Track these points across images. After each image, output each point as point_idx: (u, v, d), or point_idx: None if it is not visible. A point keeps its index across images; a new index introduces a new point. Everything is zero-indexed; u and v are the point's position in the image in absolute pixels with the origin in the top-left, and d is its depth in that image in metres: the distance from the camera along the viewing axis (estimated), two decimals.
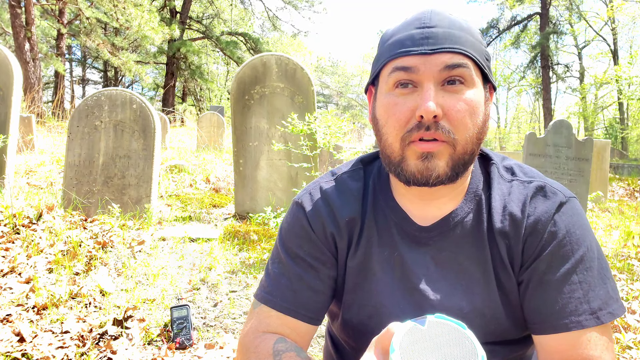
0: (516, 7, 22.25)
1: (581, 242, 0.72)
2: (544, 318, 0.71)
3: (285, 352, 0.74)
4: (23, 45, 12.26)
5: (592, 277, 0.71)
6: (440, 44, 0.67)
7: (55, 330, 1.95)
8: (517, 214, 0.74)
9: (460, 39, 0.68)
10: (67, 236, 2.86)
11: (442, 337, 0.53)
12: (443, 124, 0.67)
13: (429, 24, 0.69)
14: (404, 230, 0.79)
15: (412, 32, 0.70)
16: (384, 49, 0.73)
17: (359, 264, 0.80)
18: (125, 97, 3.72)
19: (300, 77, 3.99)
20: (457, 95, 0.68)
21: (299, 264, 0.81)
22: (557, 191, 0.76)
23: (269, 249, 3.10)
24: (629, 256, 3.37)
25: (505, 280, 0.75)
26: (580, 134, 25.76)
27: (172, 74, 21.59)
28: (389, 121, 0.71)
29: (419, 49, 0.68)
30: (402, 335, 0.53)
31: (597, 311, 0.69)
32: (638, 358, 1.94)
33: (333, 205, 0.82)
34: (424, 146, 0.68)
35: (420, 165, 0.69)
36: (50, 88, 26.68)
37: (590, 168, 4.70)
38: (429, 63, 0.67)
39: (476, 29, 0.73)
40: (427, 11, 0.72)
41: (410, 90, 0.69)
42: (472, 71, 0.68)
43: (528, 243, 0.73)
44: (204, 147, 9.30)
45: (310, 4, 23.90)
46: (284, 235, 0.85)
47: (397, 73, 0.69)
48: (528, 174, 0.79)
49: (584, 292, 0.70)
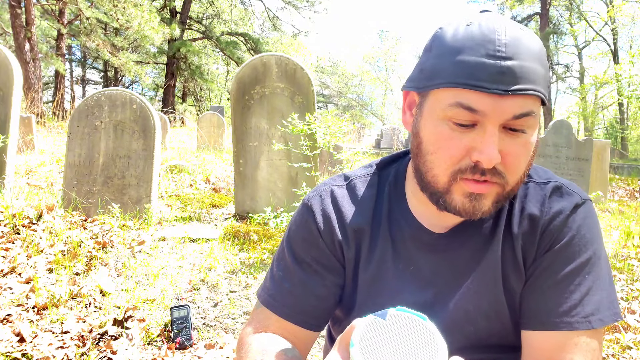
0: (516, 7, 22.27)
1: (589, 246, 0.71)
2: (536, 313, 0.71)
3: (275, 352, 0.74)
4: (23, 45, 12.26)
5: (592, 281, 0.70)
6: (516, 84, 0.59)
7: (55, 330, 1.95)
8: (536, 213, 0.73)
9: (535, 75, 0.60)
10: (67, 236, 2.86)
11: (402, 329, 0.52)
12: (498, 168, 0.63)
13: (505, 52, 0.59)
14: (419, 240, 0.77)
15: (486, 62, 0.59)
16: (447, 64, 0.62)
17: (372, 277, 0.78)
18: (125, 97, 3.72)
19: (300, 77, 3.99)
20: (519, 140, 0.63)
21: (305, 269, 0.79)
22: (573, 192, 0.75)
23: (269, 249, 3.10)
24: (629, 256, 3.37)
25: (515, 282, 0.74)
26: (580, 134, 25.74)
27: (172, 74, 21.60)
28: (438, 152, 0.65)
29: (491, 88, 0.59)
30: (362, 330, 0.52)
31: (590, 316, 0.69)
32: (638, 358, 1.94)
33: (343, 212, 0.79)
34: (475, 187, 0.64)
35: (467, 204, 0.65)
36: (50, 88, 26.69)
37: (590, 168, 4.70)
38: (499, 108, 0.60)
39: (543, 49, 0.64)
40: (501, 27, 0.61)
41: (469, 129, 0.62)
42: (538, 116, 0.63)
43: (541, 240, 0.73)
44: (204, 147, 9.30)
45: (311, 4, 23.91)
46: (291, 237, 0.82)
47: (459, 110, 0.61)
48: (542, 176, 0.78)
49: (581, 295, 0.69)
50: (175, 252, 3.02)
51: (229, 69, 28.36)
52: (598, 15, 23.73)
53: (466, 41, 0.62)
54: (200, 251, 3.06)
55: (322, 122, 3.46)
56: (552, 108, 24.32)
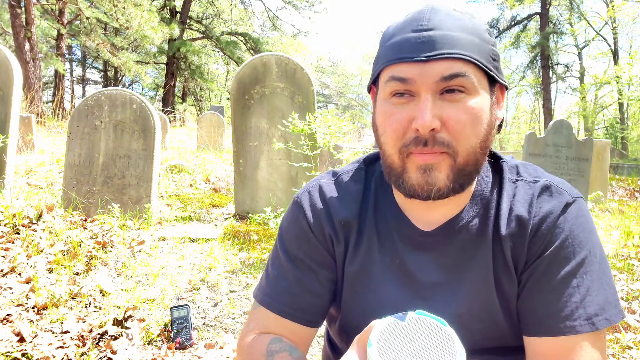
0: (516, 7, 22.25)
1: (584, 245, 0.70)
2: (537, 319, 0.70)
3: (279, 353, 0.73)
4: (23, 45, 12.26)
5: (591, 281, 0.69)
6: (437, 49, 0.63)
7: (55, 330, 1.95)
8: (524, 215, 0.72)
9: (460, 42, 0.64)
10: (67, 236, 2.86)
11: (421, 332, 0.52)
12: (442, 136, 0.65)
13: (427, 25, 0.65)
14: (406, 235, 0.76)
15: (409, 36, 0.66)
16: (383, 50, 0.70)
17: (358, 270, 0.78)
18: (125, 97, 3.72)
19: (300, 77, 3.99)
20: (458, 105, 0.64)
21: (298, 266, 0.80)
22: (563, 191, 0.73)
23: (269, 249, 3.10)
24: (629, 256, 3.37)
25: (508, 284, 0.73)
26: (580, 134, 25.76)
27: (172, 74, 21.60)
28: (386, 131, 0.69)
29: (413, 56, 0.64)
30: (380, 331, 0.52)
31: (593, 317, 0.67)
32: (638, 358, 1.94)
33: (330, 206, 0.80)
34: (423, 158, 0.66)
35: (420, 178, 0.67)
36: (50, 88, 26.69)
37: (590, 168, 4.70)
38: (426, 73, 0.64)
39: (483, 26, 0.68)
40: (427, 9, 0.67)
41: (406, 100, 0.66)
42: (473, 78, 0.64)
43: (532, 243, 0.71)
44: (204, 147, 9.31)
45: (310, 4, 23.90)
46: (284, 235, 0.83)
47: (392, 83, 0.66)
48: (532, 174, 0.76)
49: (581, 296, 0.68)
50: (175, 252, 3.02)
51: (229, 69, 28.36)
52: (598, 15, 23.74)
53: (398, 26, 0.69)
54: (200, 251, 3.06)
55: (322, 122, 3.46)
56: (552, 108, 24.31)
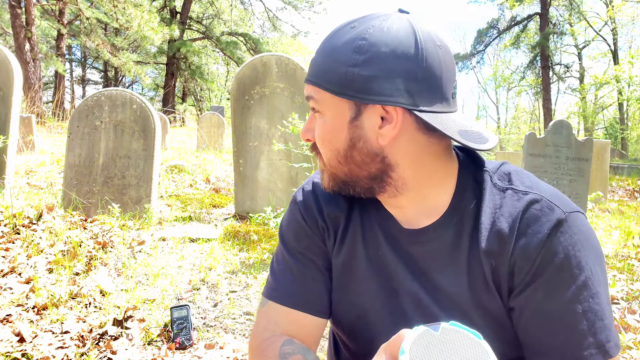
0: (516, 7, 22.25)
1: (582, 266, 0.63)
2: (544, 351, 0.65)
3: (292, 355, 0.73)
4: (23, 45, 12.27)
5: (598, 304, 0.63)
6: (308, 74, 0.72)
7: (55, 330, 1.95)
8: (504, 231, 0.66)
9: (316, 67, 0.70)
10: (67, 236, 2.86)
11: (455, 344, 0.51)
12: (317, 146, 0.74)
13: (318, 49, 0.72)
14: (386, 230, 0.77)
15: None
16: None
17: (343, 263, 0.80)
18: (126, 97, 3.72)
19: (300, 77, 3.99)
20: (318, 122, 0.72)
21: (300, 259, 0.83)
22: (554, 206, 0.66)
23: (269, 249, 3.10)
24: (629, 256, 3.37)
25: (489, 301, 0.69)
26: (580, 134, 25.75)
27: (172, 74, 21.61)
28: None
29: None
30: (413, 339, 0.51)
31: (605, 344, 0.62)
32: (638, 358, 1.94)
33: (321, 200, 0.83)
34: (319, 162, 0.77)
35: None
36: (50, 88, 26.68)
37: (590, 168, 4.69)
38: None
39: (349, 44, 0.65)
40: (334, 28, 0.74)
41: None
42: (321, 100, 0.70)
43: (518, 267, 0.66)
44: (204, 147, 9.30)
45: (310, 5, 23.89)
46: (284, 232, 0.87)
47: None
48: (525, 183, 0.70)
49: (589, 323, 0.62)
50: (175, 252, 3.02)
51: (229, 69, 28.34)
52: (598, 15, 23.76)
53: None
54: (200, 251, 3.06)
55: None
56: (552, 108, 24.31)
